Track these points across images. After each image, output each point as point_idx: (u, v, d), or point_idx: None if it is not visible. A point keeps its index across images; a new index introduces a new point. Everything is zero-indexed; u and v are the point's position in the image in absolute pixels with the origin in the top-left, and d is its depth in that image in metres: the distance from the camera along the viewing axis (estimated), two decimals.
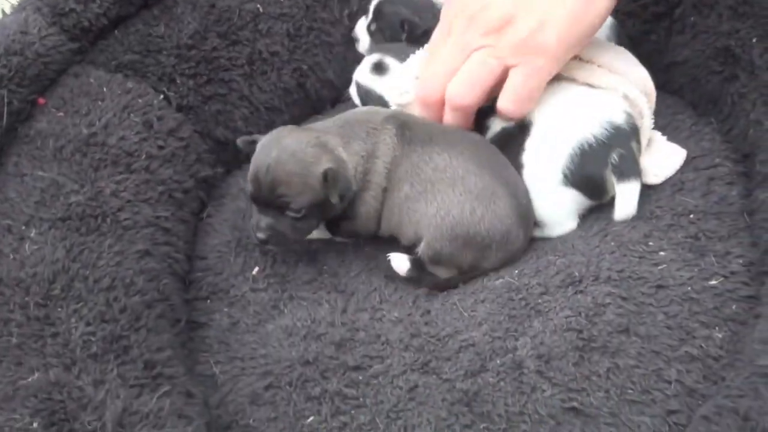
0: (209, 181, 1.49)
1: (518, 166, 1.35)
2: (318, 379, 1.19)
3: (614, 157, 1.29)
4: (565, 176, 1.32)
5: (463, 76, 1.31)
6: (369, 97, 1.51)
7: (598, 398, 1.10)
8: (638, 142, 1.32)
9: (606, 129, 1.30)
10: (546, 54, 1.27)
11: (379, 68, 1.51)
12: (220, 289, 1.35)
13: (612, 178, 1.30)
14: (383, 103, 1.47)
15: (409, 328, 1.24)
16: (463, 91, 1.31)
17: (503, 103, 1.30)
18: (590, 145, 1.30)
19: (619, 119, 1.31)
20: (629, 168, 1.29)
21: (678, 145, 1.38)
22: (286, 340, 1.24)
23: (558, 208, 1.35)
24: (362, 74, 1.52)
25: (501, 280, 1.28)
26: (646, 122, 1.35)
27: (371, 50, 1.64)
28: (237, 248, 1.39)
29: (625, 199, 1.30)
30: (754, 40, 1.37)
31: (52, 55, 1.39)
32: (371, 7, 1.63)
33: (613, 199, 1.32)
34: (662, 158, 1.37)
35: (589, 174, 1.30)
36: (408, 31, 1.56)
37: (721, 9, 1.43)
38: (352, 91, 1.56)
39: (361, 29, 1.66)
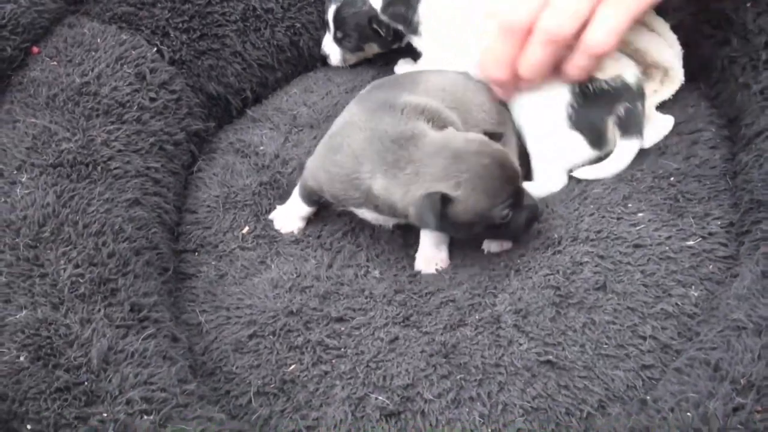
0: (201, 135, 1.51)
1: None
2: (301, 330, 1.21)
3: (620, 109, 1.33)
4: (570, 117, 1.35)
5: (562, 6, 1.25)
6: None
7: (574, 352, 1.13)
8: (643, 106, 1.36)
9: (615, 81, 1.33)
10: None
11: None
12: (209, 243, 1.37)
13: (615, 131, 1.33)
14: None
15: (393, 285, 1.27)
16: (562, 21, 1.25)
17: (593, 36, 1.25)
18: (597, 90, 1.33)
19: (631, 79, 1.35)
20: (633, 125, 1.33)
21: (664, 110, 1.40)
22: (271, 292, 1.27)
23: (558, 153, 1.37)
24: None
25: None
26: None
27: (345, 60, 1.66)
28: (226, 204, 1.41)
29: (623, 154, 1.34)
30: (748, 4, 1.38)
31: (46, 4, 1.40)
32: (329, 18, 1.62)
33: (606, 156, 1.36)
34: (650, 125, 1.39)
35: (593, 118, 1.34)
36: (380, 27, 1.56)
37: None
38: None
39: (329, 44, 1.66)
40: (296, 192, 1.36)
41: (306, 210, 1.37)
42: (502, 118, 1.40)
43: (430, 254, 1.32)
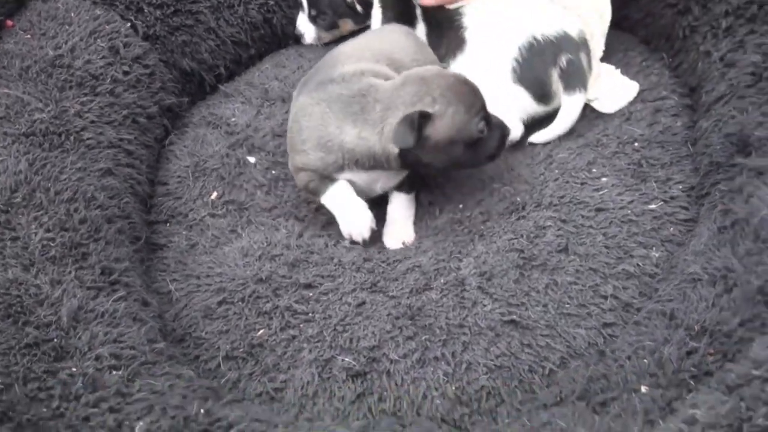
0: (174, 110, 1.52)
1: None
2: (270, 296, 1.23)
3: (563, 60, 1.36)
4: (515, 71, 1.38)
5: None
6: None
7: (537, 312, 1.15)
8: (588, 56, 1.39)
9: (558, 32, 1.37)
10: None
11: None
12: (180, 213, 1.39)
13: (559, 85, 1.37)
14: None
15: (362, 253, 1.29)
16: None
17: None
18: (540, 41, 1.37)
19: (572, 31, 1.39)
20: (576, 77, 1.36)
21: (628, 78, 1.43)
22: (241, 260, 1.29)
23: (506, 106, 1.39)
24: None
25: (444, 218, 1.33)
26: (596, 44, 1.43)
27: (319, 38, 1.68)
28: (195, 173, 1.43)
29: (569, 110, 1.38)
30: None
31: None
32: None
33: (556, 112, 1.39)
34: (616, 90, 1.43)
35: (537, 72, 1.38)
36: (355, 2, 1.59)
37: None
38: None
39: (303, 22, 1.67)
40: (331, 201, 1.33)
41: (339, 187, 1.31)
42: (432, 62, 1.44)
43: (397, 230, 1.33)
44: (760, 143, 1.20)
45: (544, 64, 1.36)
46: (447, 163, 1.24)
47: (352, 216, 1.30)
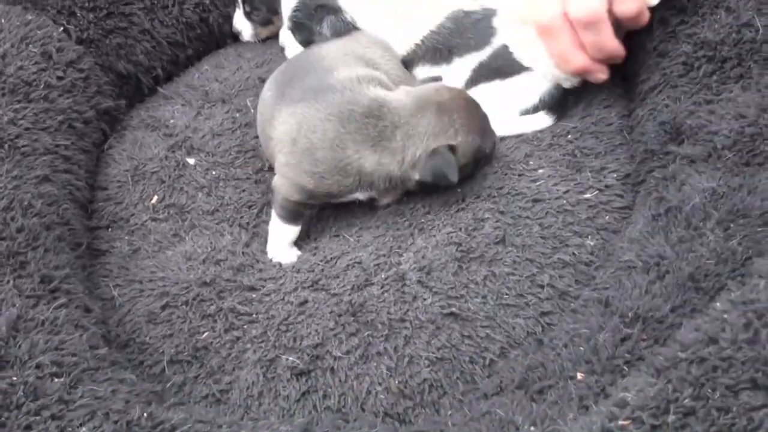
0: (111, 113, 1.51)
1: None
2: (214, 299, 1.23)
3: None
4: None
5: None
6: None
7: (476, 303, 1.16)
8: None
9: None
10: None
11: None
12: (121, 218, 1.38)
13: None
14: None
15: (303, 255, 1.30)
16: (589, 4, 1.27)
17: (618, 6, 1.29)
18: None
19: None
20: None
21: None
22: (185, 264, 1.28)
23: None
24: None
25: (388, 208, 1.34)
26: None
27: (256, 35, 1.66)
28: (135, 177, 1.41)
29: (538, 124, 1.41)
30: None
31: None
32: None
33: None
34: None
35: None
36: None
37: None
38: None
39: (240, 20, 1.67)
40: (276, 222, 1.32)
41: (295, 232, 1.33)
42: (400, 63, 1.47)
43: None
44: (692, 132, 1.23)
45: None
46: (460, 179, 1.26)
47: (278, 245, 1.33)
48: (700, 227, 1.07)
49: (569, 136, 1.33)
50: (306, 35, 1.51)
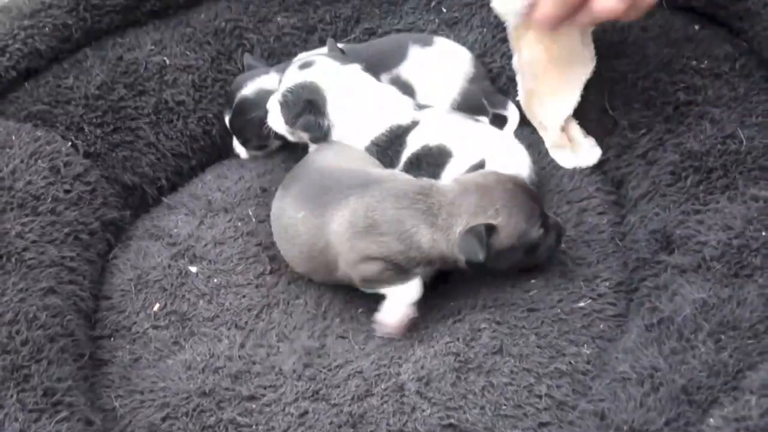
0: (116, 224, 1.54)
1: None
2: (214, 409, 1.23)
3: None
4: None
5: None
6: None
7: (474, 414, 1.17)
8: None
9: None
10: None
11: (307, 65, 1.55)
12: (123, 327, 1.39)
13: None
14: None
15: (303, 358, 1.30)
16: None
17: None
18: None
19: (525, 172, 1.41)
20: None
21: (555, 180, 1.50)
22: (184, 374, 1.29)
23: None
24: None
25: None
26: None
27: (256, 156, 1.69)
28: (138, 285, 1.43)
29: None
30: (629, 75, 1.49)
31: None
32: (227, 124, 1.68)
33: None
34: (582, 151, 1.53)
35: None
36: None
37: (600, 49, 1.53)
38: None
39: (237, 145, 1.70)
40: (391, 295, 1.34)
41: (415, 287, 1.33)
42: None
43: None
44: (682, 241, 1.26)
45: None
46: (508, 266, 1.28)
47: (405, 317, 1.32)
48: (692, 339, 1.09)
49: (562, 246, 1.35)
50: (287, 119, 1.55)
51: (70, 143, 1.51)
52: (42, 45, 1.53)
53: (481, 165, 1.40)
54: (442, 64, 1.62)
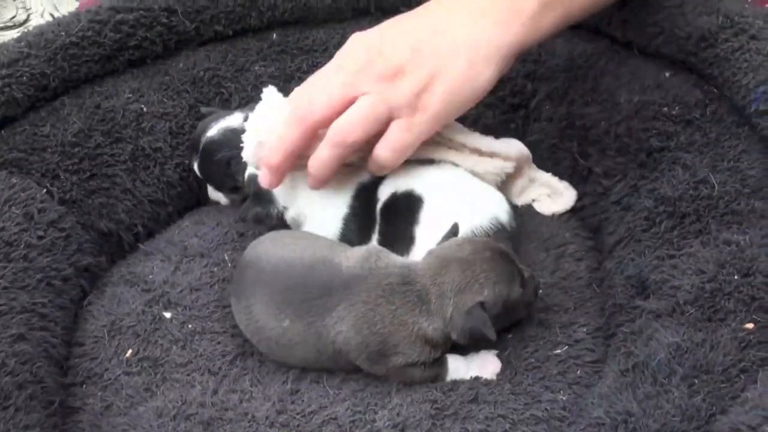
0: (91, 270, 1.53)
1: (408, 238, 1.41)
2: None
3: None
4: None
5: (353, 114, 1.31)
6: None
7: None
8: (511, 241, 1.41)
9: (492, 224, 1.38)
10: (428, 113, 1.31)
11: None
12: (95, 374, 1.37)
13: None
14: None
15: (276, 404, 1.28)
16: (351, 129, 1.30)
17: (380, 151, 1.33)
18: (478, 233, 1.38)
19: (504, 218, 1.40)
20: None
21: (532, 227, 1.50)
22: (156, 421, 1.27)
23: None
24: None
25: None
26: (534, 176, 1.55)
27: (233, 201, 1.69)
28: (111, 332, 1.41)
29: None
30: (602, 123, 1.50)
31: None
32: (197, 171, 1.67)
33: None
34: (556, 195, 1.54)
35: None
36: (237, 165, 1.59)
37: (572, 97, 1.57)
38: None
39: (212, 192, 1.71)
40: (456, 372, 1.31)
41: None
42: None
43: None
44: (657, 286, 1.26)
45: None
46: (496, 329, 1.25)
47: (484, 363, 1.30)
48: (665, 383, 1.08)
49: (539, 292, 1.35)
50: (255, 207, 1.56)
51: (45, 190, 1.51)
52: (19, 93, 1.52)
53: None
54: None
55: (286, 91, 1.55)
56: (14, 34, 2.64)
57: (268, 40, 1.76)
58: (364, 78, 1.32)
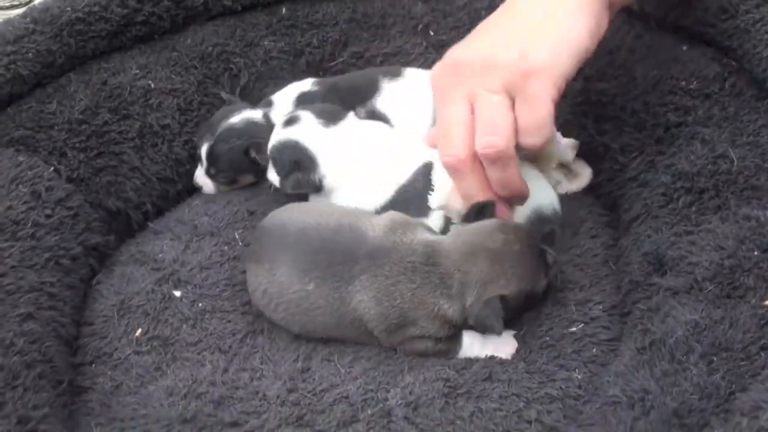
0: (100, 249, 1.52)
1: None
2: None
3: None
4: None
5: (484, 123, 1.20)
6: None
7: None
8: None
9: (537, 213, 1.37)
10: (539, 74, 1.19)
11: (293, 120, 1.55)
12: (105, 353, 1.36)
13: None
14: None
15: (287, 383, 1.27)
16: (494, 137, 1.19)
17: (523, 139, 1.20)
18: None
19: (550, 208, 1.40)
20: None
21: None
22: (166, 400, 1.26)
23: None
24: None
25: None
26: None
27: (218, 189, 1.68)
28: (120, 311, 1.41)
29: None
30: (618, 98, 1.48)
31: None
32: (202, 154, 1.65)
33: None
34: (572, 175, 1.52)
35: None
36: (257, 153, 1.62)
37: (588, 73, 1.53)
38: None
39: (200, 176, 1.69)
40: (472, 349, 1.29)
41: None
42: None
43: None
44: (674, 263, 1.24)
45: None
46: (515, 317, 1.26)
47: (500, 343, 1.29)
48: (684, 361, 1.06)
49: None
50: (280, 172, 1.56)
51: (52, 168, 1.50)
52: (25, 70, 1.51)
53: None
54: (413, 94, 1.61)
55: (295, 66, 1.54)
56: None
57: (277, 15, 1.74)
58: (466, 85, 1.23)
